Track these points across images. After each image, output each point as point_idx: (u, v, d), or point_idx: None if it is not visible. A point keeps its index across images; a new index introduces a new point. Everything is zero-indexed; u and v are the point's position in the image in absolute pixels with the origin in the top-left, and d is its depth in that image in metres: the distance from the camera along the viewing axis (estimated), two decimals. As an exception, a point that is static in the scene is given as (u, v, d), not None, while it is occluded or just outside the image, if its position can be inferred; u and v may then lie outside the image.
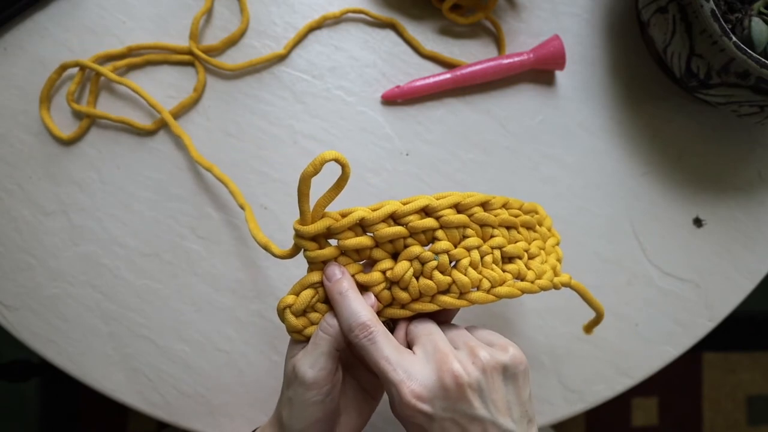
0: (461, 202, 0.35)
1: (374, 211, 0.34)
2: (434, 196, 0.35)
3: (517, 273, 0.37)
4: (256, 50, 0.53)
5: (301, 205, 0.33)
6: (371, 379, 0.37)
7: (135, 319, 0.50)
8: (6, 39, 0.52)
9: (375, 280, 0.34)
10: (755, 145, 0.55)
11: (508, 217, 0.37)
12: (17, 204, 0.50)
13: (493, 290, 0.36)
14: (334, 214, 0.34)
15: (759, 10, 0.45)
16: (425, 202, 0.34)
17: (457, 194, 0.35)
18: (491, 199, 0.36)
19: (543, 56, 0.52)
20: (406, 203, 0.34)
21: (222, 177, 0.48)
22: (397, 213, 0.34)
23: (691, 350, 0.53)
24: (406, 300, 0.35)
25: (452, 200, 0.35)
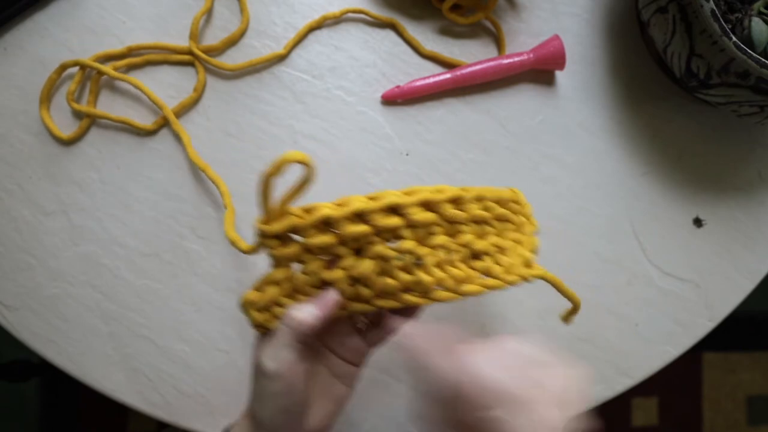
0: (430, 200, 0.34)
1: (339, 208, 0.33)
2: (404, 191, 0.34)
3: (485, 270, 0.36)
4: (256, 50, 0.53)
5: (262, 204, 0.32)
6: (344, 367, 0.38)
7: (135, 319, 0.50)
8: (6, 39, 0.52)
9: (338, 277, 0.34)
10: (755, 145, 0.55)
11: (479, 212, 0.36)
12: (17, 204, 0.50)
13: (458, 288, 0.35)
14: (298, 211, 0.33)
15: (759, 10, 0.45)
16: (392, 200, 0.33)
17: (426, 191, 0.34)
18: (463, 194, 0.35)
19: (543, 56, 0.52)
20: (373, 198, 0.33)
21: (214, 177, 0.48)
22: (362, 211, 0.33)
23: (691, 350, 0.53)
24: (369, 296, 0.34)
25: (420, 198, 0.33)
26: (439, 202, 0.34)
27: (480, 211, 0.36)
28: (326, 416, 0.36)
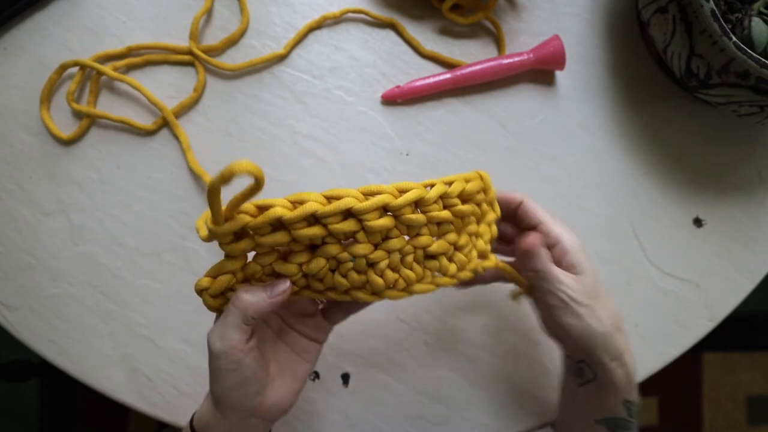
0: (390, 204, 0.33)
1: (294, 207, 0.32)
2: (363, 190, 0.33)
3: (439, 269, 0.36)
4: (256, 50, 0.53)
5: (211, 209, 0.31)
6: (306, 344, 0.39)
7: (135, 319, 0.50)
8: (6, 39, 0.52)
9: (290, 271, 0.34)
10: (755, 145, 0.55)
11: (439, 215, 0.35)
12: (17, 204, 0.50)
13: (409, 288, 0.35)
14: (251, 208, 0.33)
15: (759, 10, 0.45)
16: (349, 204, 0.32)
17: (387, 193, 0.33)
18: (425, 196, 0.34)
19: (543, 56, 0.52)
20: (330, 196, 0.33)
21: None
22: (317, 213, 0.32)
23: (691, 350, 0.53)
24: (321, 289, 0.35)
25: (379, 202, 0.32)
26: (400, 206, 0.33)
27: (441, 212, 0.35)
28: (288, 392, 0.37)
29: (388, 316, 0.51)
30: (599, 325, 0.39)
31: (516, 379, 0.51)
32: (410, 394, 0.51)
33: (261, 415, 0.36)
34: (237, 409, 0.35)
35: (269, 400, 0.36)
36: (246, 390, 0.35)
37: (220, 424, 0.36)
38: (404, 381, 0.51)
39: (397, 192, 0.33)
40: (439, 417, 0.50)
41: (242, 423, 0.36)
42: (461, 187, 0.35)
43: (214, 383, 0.35)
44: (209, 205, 0.32)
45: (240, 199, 0.32)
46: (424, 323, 0.51)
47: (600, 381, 0.40)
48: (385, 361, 0.51)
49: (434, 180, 0.35)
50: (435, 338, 0.51)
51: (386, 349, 0.51)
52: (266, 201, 0.32)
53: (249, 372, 0.34)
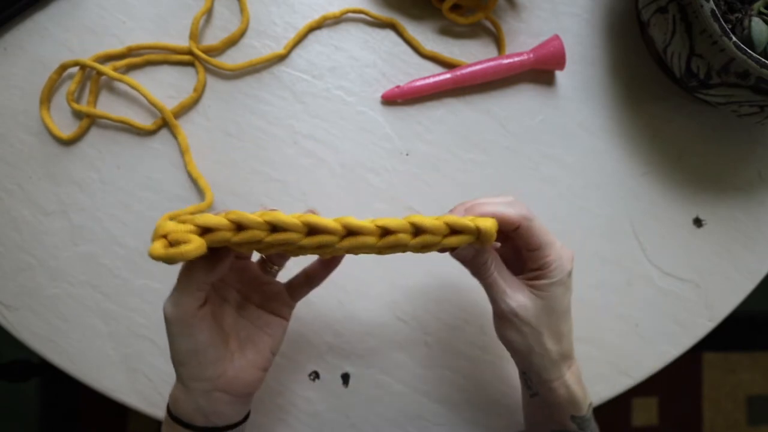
0: (352, 248, 0.33)
1: (236, 233, 0.32)
2: (342, 221, 0.33)
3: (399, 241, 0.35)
4: (256, 50, 0.53)
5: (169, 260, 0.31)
6: (267, 318, 0.40)
7: (135, 319, 0.50)
8: (6, 39, 0.52)
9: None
10: (755, 145, 0.55)
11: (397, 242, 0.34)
12: (17, 204, 0.50)
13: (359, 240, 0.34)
14: (193, 234, 0.32)
15: (759, 10, 0.45)
16: (287, 238, 0.32)
17: (331, 232, 0.32)
18: (407, 243, 0.34)
19: (543, 56, 0.52)
20: (273, 223, 0.32)
21: (204, 187, 0.50)
22: (262, 243, 0.32)
23: (691, 350, 0.53)
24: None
25: (319, 241, 0.33)
26: (358, 247, 0.33)
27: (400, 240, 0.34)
28: (250, 365, 0.38)
29: (388, 316, 0.51)
30: (540, 348, 0.38)
31: (516, 379, 0.51)
32: (410, 394, 0.51)
33: (223, 388, 0.37)
34: (195, 379, 0.36)
35: (229, 373, 0.37)
36: (201, 358, 0.36)
37: (187, 399, 0.37)
38: (404, 381, 0.51)
39: (342, 230, 0.33)
40: (439, 417, 0.50)
41: (207, 396, 0.37)
42: (435, 240, 0.34)
43: (171, 351, 0.36)
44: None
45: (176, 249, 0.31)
46: (424, 323, 0.51)
47: (542, 396, 0.40)
48: (385, 361, 0.51)
49: (419, 220, 0.34)
50: (435, 338, 0.51)
51: (386, 349, 0.51)
52: (208, 223, 0.32)
53: (203, 338, 0.35)
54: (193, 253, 0.30)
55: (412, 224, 0.34)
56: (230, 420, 0.39)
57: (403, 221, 0.34)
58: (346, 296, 0.51)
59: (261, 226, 0.32)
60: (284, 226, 0.32)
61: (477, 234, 0.35)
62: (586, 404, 0.40)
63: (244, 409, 0.40)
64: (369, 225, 0.33)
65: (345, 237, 0.33)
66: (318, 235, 0.33)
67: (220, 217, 0.32)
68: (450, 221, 0.34)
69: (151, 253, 0.30)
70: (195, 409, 0.37)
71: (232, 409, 0.38)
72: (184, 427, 0.38)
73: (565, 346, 0.39)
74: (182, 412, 0.38)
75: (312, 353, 0.51)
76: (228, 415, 0.38)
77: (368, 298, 0.51)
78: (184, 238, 0.31)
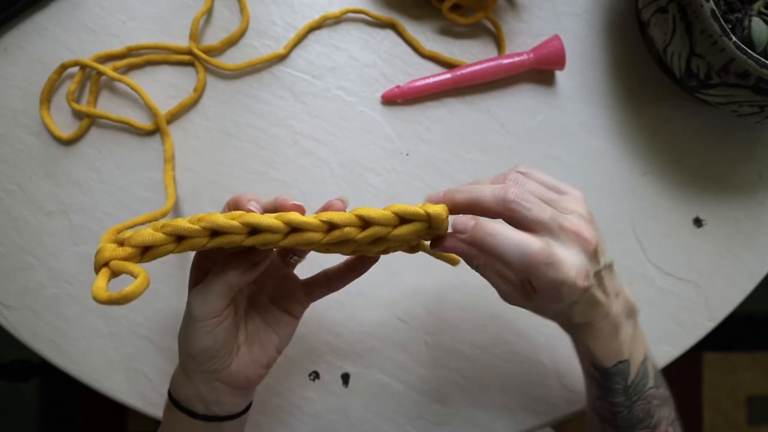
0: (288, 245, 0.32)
1: (177, 243, 0.32)
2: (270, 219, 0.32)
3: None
4: (256, 50, 0.53)
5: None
6: (277, 315, 0.40)
7: (135, 319, 0.50)
8: (6, 39, 0.52)
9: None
10: (755, 145, 0.55)
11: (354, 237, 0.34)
12: (17, 204, 0.50)
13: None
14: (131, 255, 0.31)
15: (759, 10, 0.45)
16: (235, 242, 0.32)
17: (273, 230, 0.32)
18: (319, 240, 0.33)
19: (543, 56, 0.52)
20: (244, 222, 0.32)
21: (170, 195, 0.49)
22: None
23: (691, 350, 0.53)
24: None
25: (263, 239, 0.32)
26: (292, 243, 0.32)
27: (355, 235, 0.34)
28: (252, 361, 0.38)
29: (388, 316, 0.51)
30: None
31: (516, 379, 0.51)
32: (410, 394, 0.51)
33: (223, 380, 0.37)
34: (201, 371, 0.36)
35: (232, 366, 0.37)
36: (215, 351, 0.36)
37: (188, 384, 0.37)
38: (404, 381, 0.51)
39: (284, 227, 0.32)
40: (439, 417, 0.50)
41: (208, 385, 0.37)
42: (384, 232, 0.33)
43: (187, 340, 0.36)
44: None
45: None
46: (424, 323, 0.51)
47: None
48: (385, 361, 0.51)
49: (365, 212, 0.33)
50: (435, 338, 0.51)
51: (386, 349, 0.51)
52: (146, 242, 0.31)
53: (222, 337, 0.36)
54: (138, 292, 0.29)
55: (358, 216, 0.33)
56: (230, 410, 0.39)
57: (349, 214, 0.33)
58: (346, 296, 0.51)
59: (199, 233, 0.31)
60: (222, 229, 0.31)
61: (428, 221, 0.33)
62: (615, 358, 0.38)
63: (244, 401, 0.40)
64: (313, 221, 0.32)
65: (288, 234, 0.32)
66: (260, 234, 0.32)
67: (156, 232, 0.31)
68: (398, 210, 0.33)
69: (95, 298, 0.29)
70: (196, 395, 0.37)
71: (232, 399, 0.38)
72: (184, 412, 0.38)
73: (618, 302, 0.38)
74: (183, 397, 0.38)
75: (312, 353, 0.51)
76: (228, 405, 0.38)
77: (368, 298, 0.51)
78: (126, 269, 0.30)
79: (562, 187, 0.37)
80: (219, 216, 0.31)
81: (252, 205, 0.34)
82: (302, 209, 0.35)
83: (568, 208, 0.35)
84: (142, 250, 0.31)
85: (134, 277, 0.30)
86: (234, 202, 0.35)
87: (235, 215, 0.32)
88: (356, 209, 0.33)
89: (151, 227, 0.32)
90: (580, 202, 0.36)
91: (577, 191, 0.37)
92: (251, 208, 0.34)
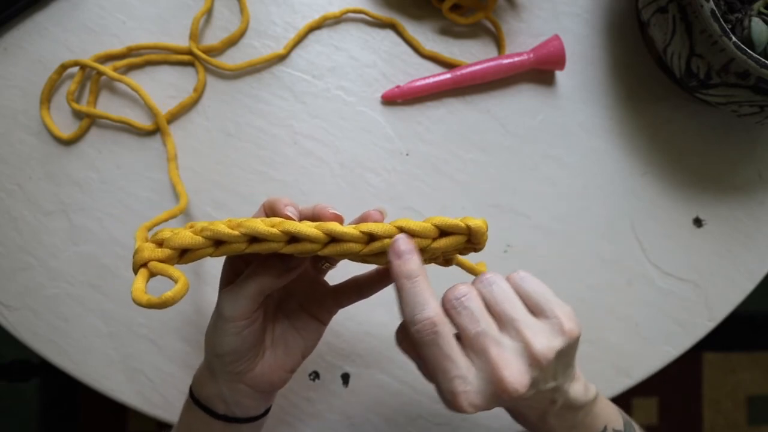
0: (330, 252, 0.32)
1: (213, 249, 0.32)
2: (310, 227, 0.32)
3: None
4: (256, 50, 0.53)
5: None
6: (305, 320, 0.39)
7: (135, 319, 0.50)
8: (6, 39, 0.52)
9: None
10: (755, 145, 0.55)
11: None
12: (17, 204, 0.50)
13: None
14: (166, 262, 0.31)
15: (759, 10, 0.45)
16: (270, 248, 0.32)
17: (312, 240, 0.31)
18: (358, 251, 0.32)
19: (543, 56, 0.52)
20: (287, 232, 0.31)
21: (181, 193, 0.49)
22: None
23: (691, 350, 0.53)
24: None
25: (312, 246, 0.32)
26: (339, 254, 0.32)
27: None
28: (277, 365, 0.38)
29: (388, 316, 0.51)
30: None
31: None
32: (410, 394, 0.51)
33: (247, 382, 0.37)
34: (227, 371, 0.36)
35: (257, 369, 0.37)
36: (242, 354, 0.35)
37: (212, 384, 0.37)
38: (404, 381, 0.51)
39: (324, 237, 0.32)
40: (439, 417, 0.50)
41: (231, 386, 0.37)
42: (424, 244, 0.33)
43: (215, 341, 0.35)
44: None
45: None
46: (424, 323, 0.51)
47: None
48: (385, 361, 0.51)
49: (406, 224, 0.32)
50: (435, 338, 0.51)
51: (386, 349, 0.51)
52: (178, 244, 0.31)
53: (250, 339, 0.35)
54: (178, 298, 0.29)
55: (399, 228, 0.32)
56: (250, 413, 0.38)
57: (389, 226, 0.32)
58: (346, 296, 0.51)
59: (238, 239, 0.31)
60: (261, 236, 0.31)
61: (468, 233, 0.33)
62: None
63: (264, 405, 0.40)
64: (353, 231, 0.32)
65: (327, 245, 0.32)
66: (299, 243, 0.32)
67: (196, 235, 0.31)
68: (438, 222, 0.33)
69: (135, 300, 0.29)
70: (217, 395, 0.37)
71: (253, 402, 0.38)
72: (204, 411, 0.38)
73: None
74: (204, 396, 0.38)
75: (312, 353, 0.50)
76: (249, 408, 0.38)
77: (368, 297, 0.51)
78: (166, 272, 0.30)
79: (547, 307, 0.32)
80: (259, 223, 0.31)
81: (289, 210, 0.33)
82: (341, 219, 0.34)
83: (526, 337, 0.30)
84: (180, 252, 0.31)
85: (173, 281, 0.30)
86: (270, 206, 0.35)
87: (275, 222, 0.32)
88: (396, 221, 0.33)
89: (190, 230, 0.32)
90: (555, 335, 0.31)
91: (563, 317, 0.31)
92: (289, 213, 0.33)
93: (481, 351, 0.30)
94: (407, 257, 0.31)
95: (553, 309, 0.32)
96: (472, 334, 0.31)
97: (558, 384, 0.33)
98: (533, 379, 0.30)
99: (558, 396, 0.33)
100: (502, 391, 0.29)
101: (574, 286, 0.53)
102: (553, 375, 0.32)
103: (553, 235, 0.52)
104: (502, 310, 0.31)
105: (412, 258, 0.31)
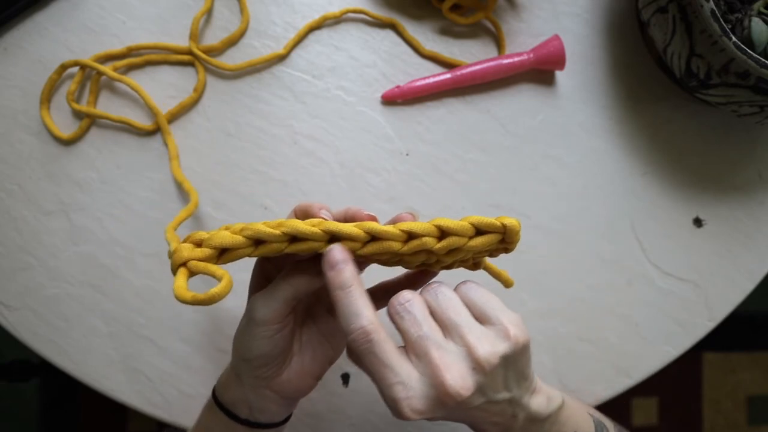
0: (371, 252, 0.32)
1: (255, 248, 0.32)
2: (355, 226, 0.32)
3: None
4: (256, 50, 0.53)
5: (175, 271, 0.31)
6: (333, 327, 0.38)
7: (135, 319, 0.50)
8: (6, 39, 0.52)
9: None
10: (755, 145, 0.55)
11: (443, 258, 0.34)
12: (17, 204, 0.50)
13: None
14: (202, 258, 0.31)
15: (759, 10, 0.45)
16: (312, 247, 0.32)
17: (353, 238, 0.32)
18: (398, 249, 0.32)
19: (543, 56, 0.52)
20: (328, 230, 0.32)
21: (190, 190, 0.49)
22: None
23: (691, 350, 0.53)
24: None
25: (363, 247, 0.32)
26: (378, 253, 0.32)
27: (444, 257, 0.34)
28: (303, 372, 0.37)
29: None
30: None
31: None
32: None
33: (273, 388, 0.36)
34: (254, 376, 0.36)
35: (283, 375, 0.36)
36: (271, 358, 0.35)
37: (237, 388, 0.37)
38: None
39: (364, 236, 0.32)
40: (439, 417, 0.50)
41: (257, 392, 0.36)
42: (461, 242, 0.33)
43: (244, 345, 0.35)
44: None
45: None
46: (424, 323, 0.51)
47: None
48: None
49: (439, 224, 0.33)
50: (435, 338, 0.51)
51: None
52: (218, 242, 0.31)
53: (281, 343, 0.35)
54: (224, 294, 0.29)
55: (437, 227, 0.33)
56: (272, 418, 0.38)
57: (428, 224, 0.33)
58: (346, 296, 0.51)
59: (279, 238, 0.31)
60: (302, 235, 0.31)
61: (503, 232, 0.33)
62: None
63: (288, 411, 0.39)
64: (392, 230, 0.32)
65: (367, 243, 0.32)
66: (340, 242, 0.32)
67: (235, 235, 0.31)
68: (474, 221, 0.33)
69: (178, 298, 0.29)
70: (242, 399, 0.37)
71: (277, 408, 0.38)
72: (227, 414, 0.37)
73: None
74: (228, 399, 0.37)
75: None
76: (272, 414, 0.38)
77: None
78: (208, 270, 0.30)
79: (493, 315, 0.32)
80: (300, 222, 0.31)
81: (324, 213, 0.33)
82: (376, 219, 0.34)
83: (469, 342, 0.30)
84: (219, 252, 0.31)
85: (217, 279, 0.30)
86: (303, 210, 0.35)
87: (314, 222, 0.32)
88: (434, 220, 0.33)
89: (229, 230, 0.32)
90: (500, 341, 0.31)
91: (508, 324, 0.31)
92: (324, 216, 0.33)
93: (422, 354, 0.30)
94: (341, 267, 0.31)
95: (498, 316, 0.32)
96: (414, 337, 0.31)
97: (513, 396, 0.32)
98: (478, 384, 0.30)
99: (518, 410, 0.33)
100: (445, 395, 0.29)
101: (574, 286, 0.53)
102: (504, 384, 0.31)
103: (553, 235, 0.52)
104: (446, 317, 0.31)
105: (345, 268, 0.31)
